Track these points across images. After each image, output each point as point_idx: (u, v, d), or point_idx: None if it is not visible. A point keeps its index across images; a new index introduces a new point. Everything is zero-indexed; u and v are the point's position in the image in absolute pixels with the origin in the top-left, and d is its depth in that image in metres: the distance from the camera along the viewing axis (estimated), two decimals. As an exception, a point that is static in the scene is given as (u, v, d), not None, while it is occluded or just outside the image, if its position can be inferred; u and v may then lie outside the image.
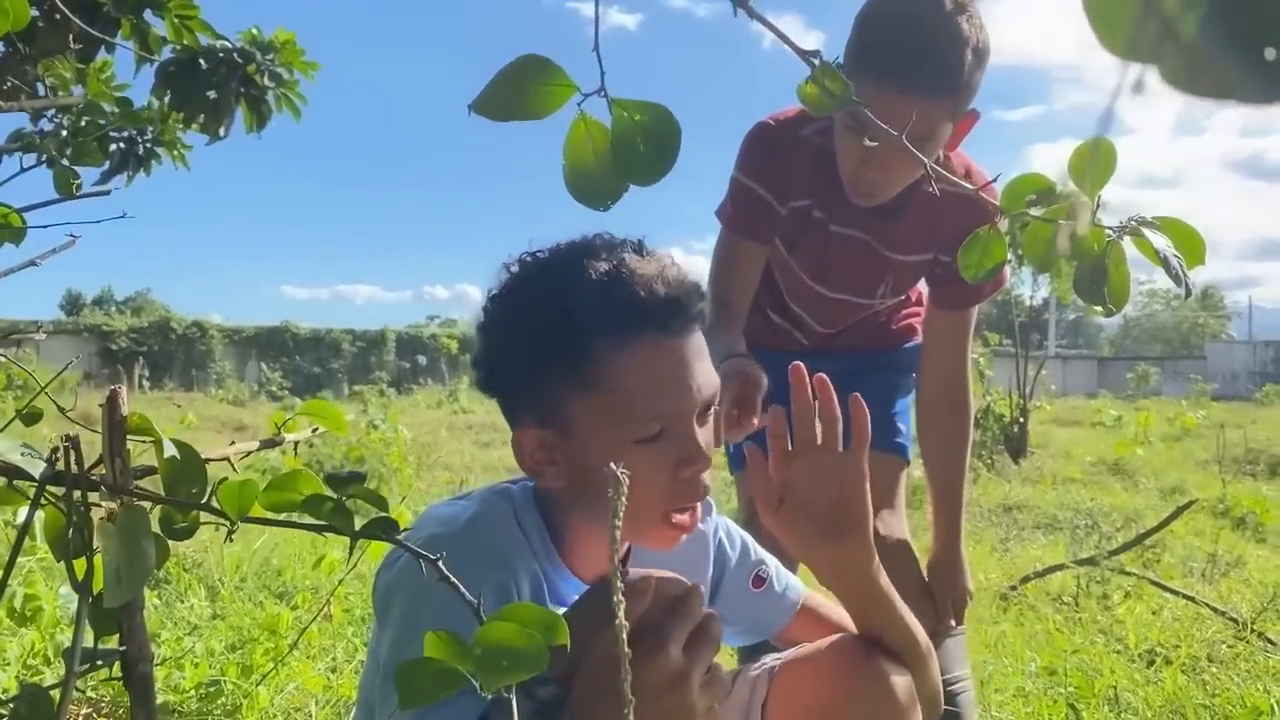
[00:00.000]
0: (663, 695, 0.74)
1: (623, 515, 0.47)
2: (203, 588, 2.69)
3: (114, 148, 2.44)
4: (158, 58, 2.25)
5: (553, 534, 0.97)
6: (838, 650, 1.02)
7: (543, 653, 0.47)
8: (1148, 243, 0.70)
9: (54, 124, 2.11)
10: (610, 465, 0.46)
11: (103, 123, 2.16)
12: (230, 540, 0.63)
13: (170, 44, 2.25)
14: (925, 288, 1.81)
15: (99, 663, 0.64)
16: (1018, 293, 8.13)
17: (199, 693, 1.90)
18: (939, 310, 1.73)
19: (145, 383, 17.34)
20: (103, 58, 2.27)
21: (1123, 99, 0.30)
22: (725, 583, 1.13)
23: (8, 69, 1.90)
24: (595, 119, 0.63)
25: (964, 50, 1.34)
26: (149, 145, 2.51)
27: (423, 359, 25.36)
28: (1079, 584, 2.97)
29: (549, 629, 0.48)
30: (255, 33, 2.46)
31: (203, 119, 2.41)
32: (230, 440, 0.87)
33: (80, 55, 2.01)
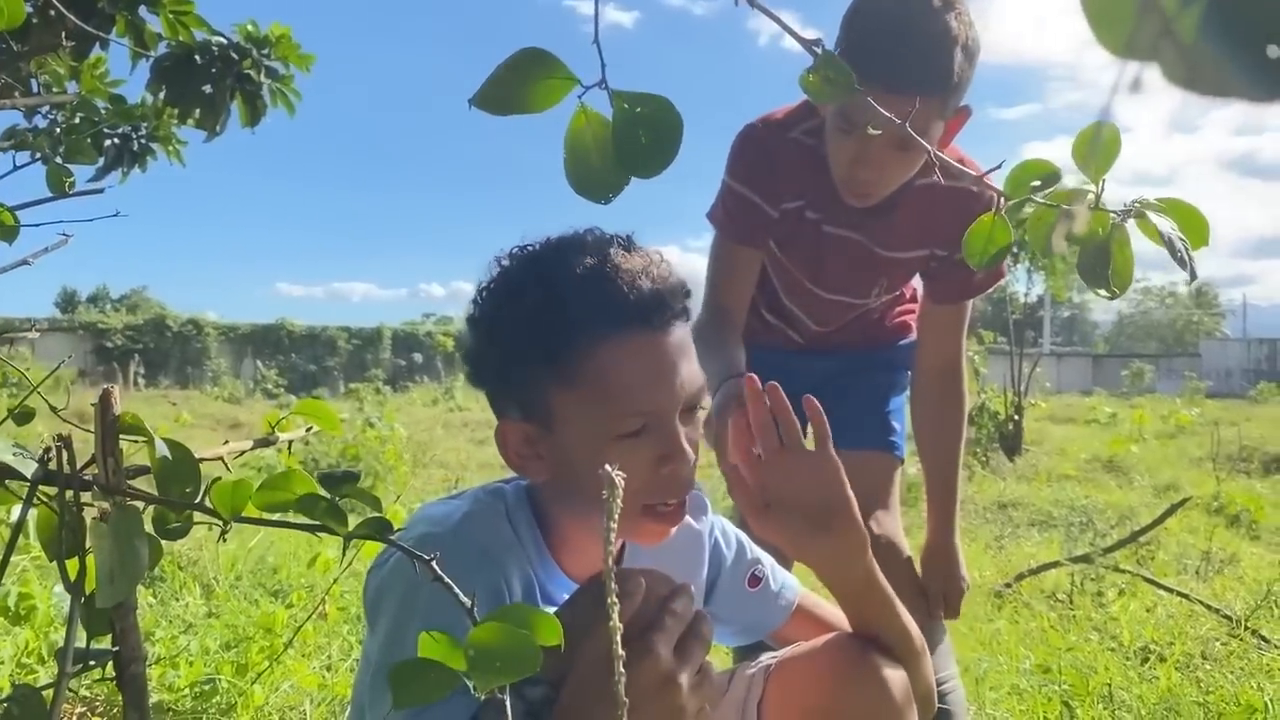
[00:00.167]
0: (652, 697, 0.73)
1: (599, 512, 0.47)
2: (198, 586, 2.68)
3: (108, 144, 2.43)
4: (153, 53, 2.25)
5: (544, 533, 0.97)
6: (834, 649, 1.02)
7: (536, 653, 0.47)
8: (1152, 225, 0.70)
9: (48, 121, 2.11)
10: (605, 467, 0.46)
11: (96, 120, 2.15)
12: (224, 540, 0.63)
13: (165, 40, 2.25)
14: (920, 283, 1.80)
15: (92, 663, 0.64)
16: (1013, 290, 8.14)
17: (194, 691, 1.90)
18: (934, 305, 1.73)
19: (141, 380, 17.29)
20: (96, 54, 2.27)
21: (1119, 97, 0.30)
22: (721, 582, 1.13)
23: (1, 66, 1.89)
24: (596, 111, 0.62)
25: (953, 47, 1.33)
26: (144, 141, 2.50)
27: (418, 356, 25.34)
28: (1073, 581, 2.98)
29: (542, 629, 0.48)
30: (250, 28, 2.45)
31: (198, 114, 2.41)
32: (225, 439, 0.86)
33: (74, 52, 2.00)
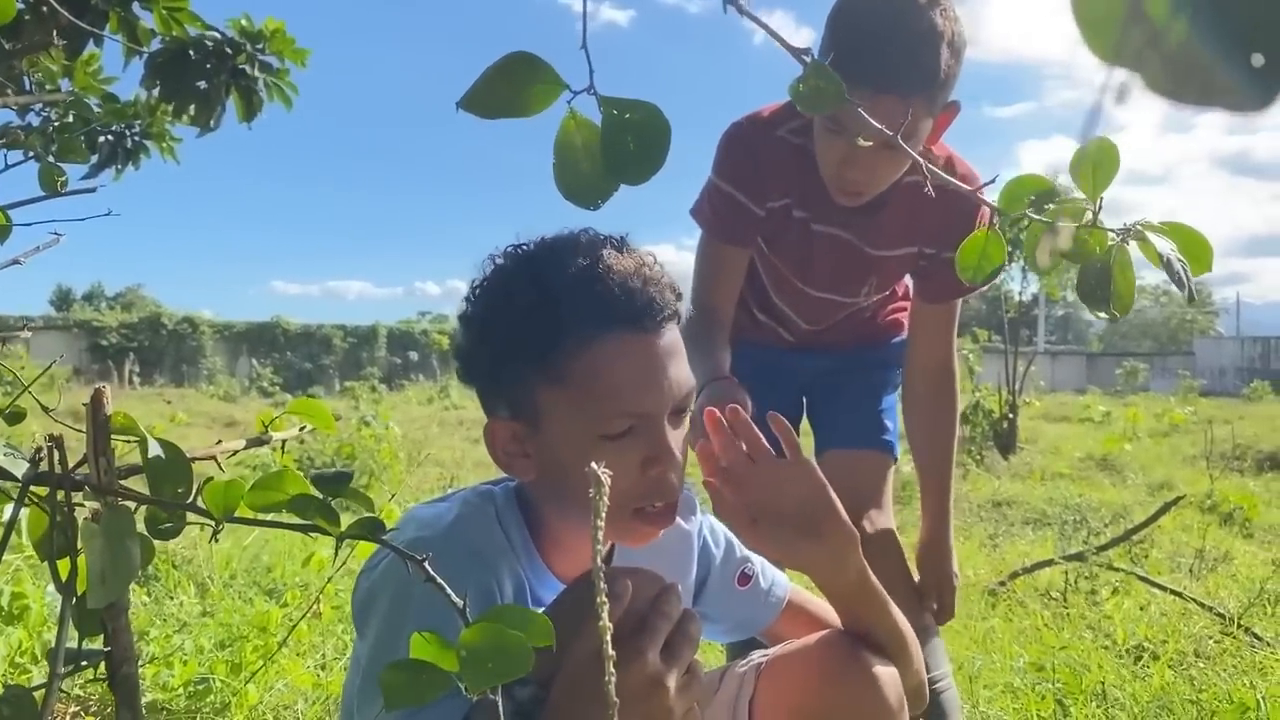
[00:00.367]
0: (640, 698, 0.73)
1: (586, 513, 0.47)
2: (192, 585, 2.68)
3: (102, 141, 2.42)
4: (146, 50, 2.24)
5: (533, 534, 0.97)
6: (825, 647, 1.02)
7: (528, 654, 0.47)
8: (1151, 246, 0.70)
9: (41, 118, 2.10)
10: (592, 465, 0.46)
11: (90, 119, 2.14)
12: (216, 540, 0.63)
13: (159, 35, 2.24)
14: (910, 281, 1.80)
15: (84, 664, 0.64)
16: (1007, 289, 8.15)
17: (188, 690, 1.89)
18: (925, 303, 1.73)
19: (136, 379, 17.23)
20: (89, 51, 2.26)
21: (1110, 99, 0.30)
22: (710, 581, 1.13)
23: (-7, 64, 1.88)
24: (585, 117, 0.62)
25: (939, 45, 1.31)
26: (137, 139, 2.49)
27: (414, 355, 25.31)
28: (1067, 579, 2.98)
29: (533, 631, 0.48)
30: (244, 22, 2.44)
31: (193, 110, 2.40)
32: (220, 437, 0.86)
33: (68, 50, 1.99)
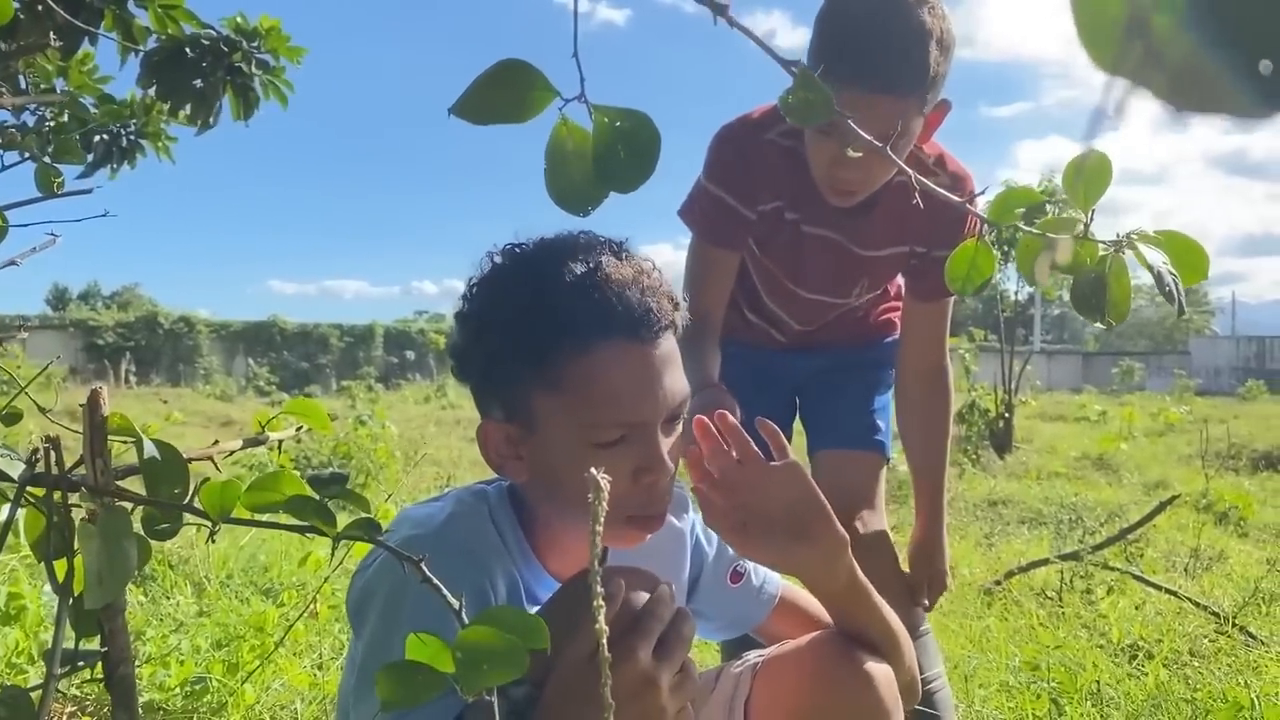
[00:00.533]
0: (633, 699, 0.73)
1: (579, 517, 0.48)
2: (189, 584, 2.68)
3: (97, 139, 2.42)
4: (142, 48, 2.23)
5: (527, 533, 0.97)
6: (820, 647, 1.03)
7: (523, 655, 0.48)
8: (1143, 257, 0.69)
9: (36, 117, 2.10)
10: (591, 471, 0.46)
11: (86, 119, 2.14)
12: (213, 540, 0.63)
13: (154, 34, 2.23)
14: (902, 280, 1.80)
15: (80, 664, 0.64)
16: (1004, 289, 8.17)
17: (184, 690, 1.90)
18: (917, 302, 1.72)
19: (132, 378, 17.19)
20: (84, 49, 2.25)
21: (1110, 108, 0.30)
22: (703, 579, 1.13)
23: (-11, 63, 1.88)
24: (576, 124, 0.63)
25: (928, 43, 1.31)
26: (132, 138, 2.49)
27: (410, 354, 25.29)
28: (1063, 579, 2.99)
29: (528, 632, 0.49)
30: (240, 20, 2.44)
31: (189, 109, 2.39)
32: (216, 437, 0.86)
33: (63, 50, 1.99)
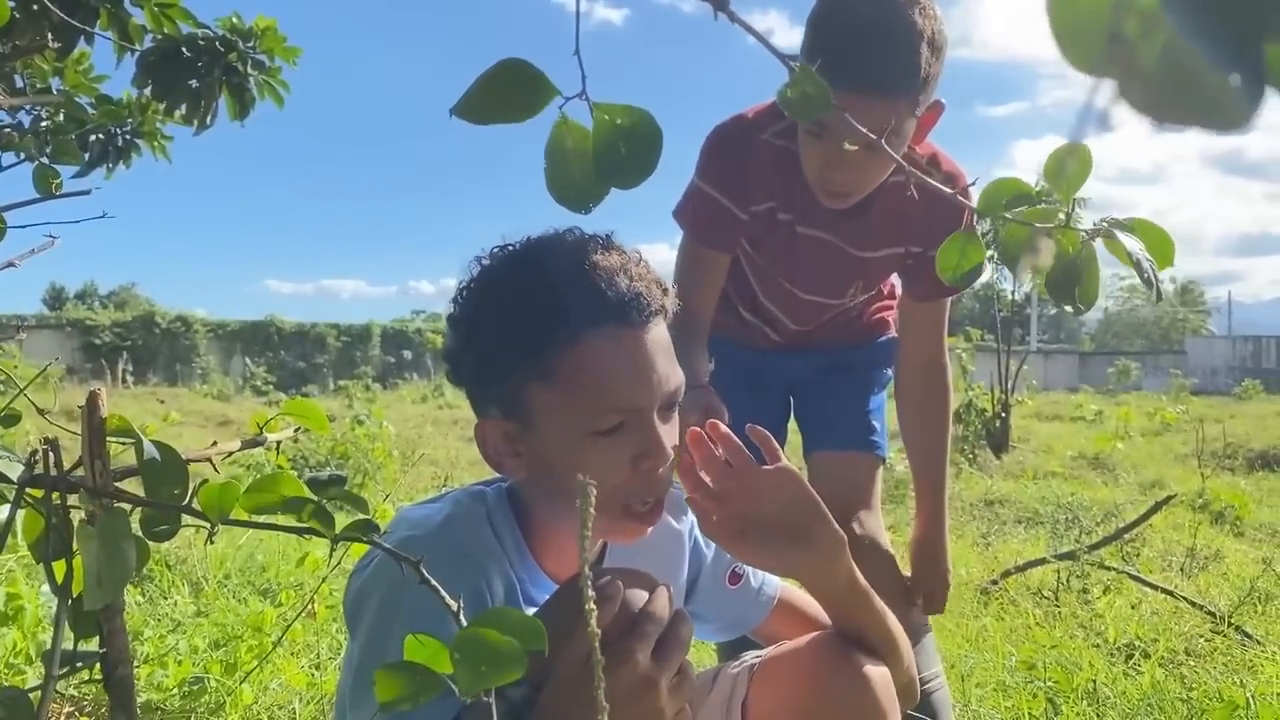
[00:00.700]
0: (631, 700, 0.74)
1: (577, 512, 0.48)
2: (186, 585, 2.67)
3: (93, 139, 2.41)
4: (138, 48, 2.23)
5: (526, 534, 0.97)
6: (817, 648, 1.03)
7: (522, 656, 0.48)
8: (1121, 245, 0.70)
9: (32, 117, 2.09)
10: (579, 475, 0.46)
11: (84, 120, 2.13)
12: (212, 541, 0.63)
13: (150, 33, 2.23)
14: (897, 279, 1.79)
15: (79, 665, 0.64)
16: (1001, 288, 8.18)
17: (182, 690, 1.89)
18: (914, 303, 1.72)
19: (129, 378, 17.15)
20: (80, 49, 2.25)
21: (1098, 105, 0.31)
22: (701, 581, 1.13)
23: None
24: (577, 122, 0.63)
25: (919, 45, 1.30)
26: (128, 137, 2.49)
27: (408, 354, 25.28)
28: (1059, 578, 2.99)
29: (527, 633, 0.49)
30: (235, 20, 2.44)
31: (185, 109, 2.39)
32: (214, 436, 0.86)
33: (60, 50, 1.98)
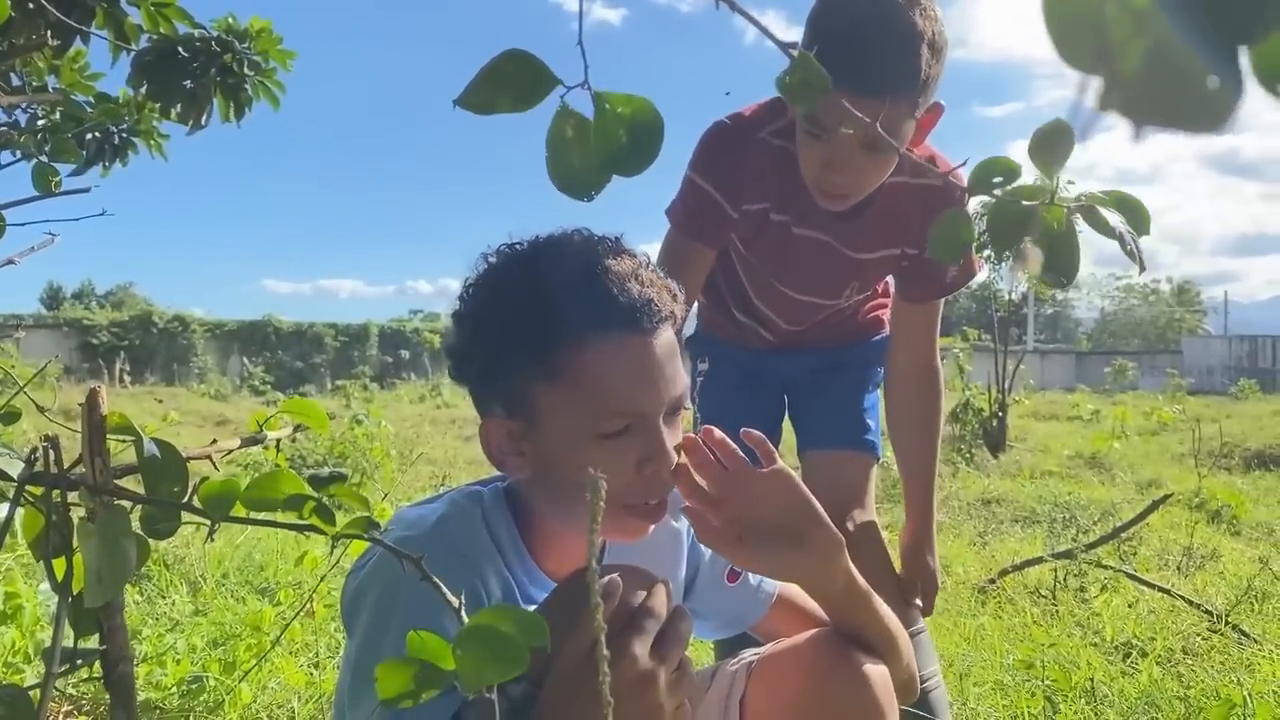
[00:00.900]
0: (630, 697, 0.74)
1: (582, 511, 0.48)
2: (184, 584, 2.67)
3: (90, 137, 2.41)
4: (134, 47, 2.23)
5: (523, 533, 0.97)
6: (816, 645, 1.03)
7: (524, 653, 0.48)
8: (1102, 219, 0.70)
9: (28, 115, 2.09)
10: (590, 470, 0.47)
11: (82, 119, 2.13)
12: (212, 539, 0.63)
13: (146, 33, 2.23)
14: (891, 279, 1.79)
15: (79, 663, 0.64)
16: (997, 288, 8.18)
17: (181, 689, 1.89)
18: (908, 303, 1.72)
19: (127, 377, 17.13)
20: (76, 47, 2.24)
21: (1088, 111, 0.31)
22: (700, 578, 1.13)
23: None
24: (578, 111, 0.63)
25: (919, 46, 1.30)
26: (125, 135, 2.48)
27: (405, 353, 25.27)
28: (1056, 577, 3.00)
29: (528, 629, 0.49)
30: (231, 21, 2.43)
31: (180, 109, 2.39)
32: (212, 436, 0.86)
33: (57, 48, 1.98)
